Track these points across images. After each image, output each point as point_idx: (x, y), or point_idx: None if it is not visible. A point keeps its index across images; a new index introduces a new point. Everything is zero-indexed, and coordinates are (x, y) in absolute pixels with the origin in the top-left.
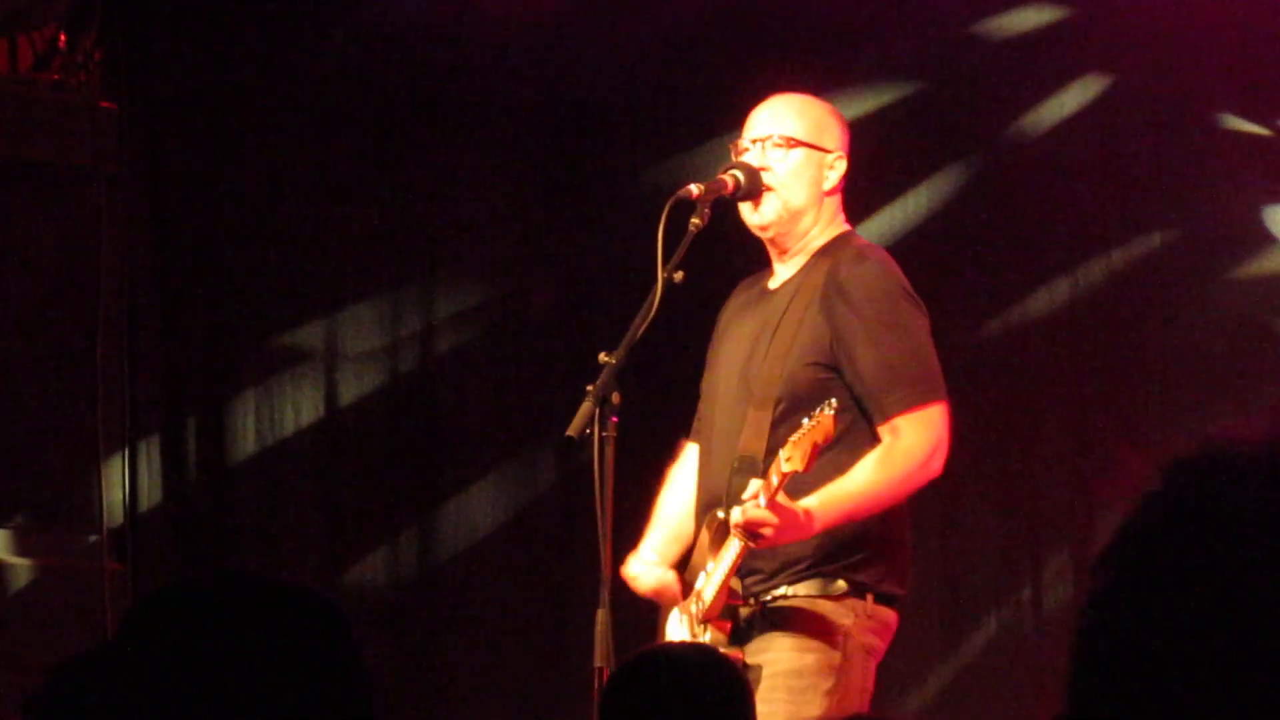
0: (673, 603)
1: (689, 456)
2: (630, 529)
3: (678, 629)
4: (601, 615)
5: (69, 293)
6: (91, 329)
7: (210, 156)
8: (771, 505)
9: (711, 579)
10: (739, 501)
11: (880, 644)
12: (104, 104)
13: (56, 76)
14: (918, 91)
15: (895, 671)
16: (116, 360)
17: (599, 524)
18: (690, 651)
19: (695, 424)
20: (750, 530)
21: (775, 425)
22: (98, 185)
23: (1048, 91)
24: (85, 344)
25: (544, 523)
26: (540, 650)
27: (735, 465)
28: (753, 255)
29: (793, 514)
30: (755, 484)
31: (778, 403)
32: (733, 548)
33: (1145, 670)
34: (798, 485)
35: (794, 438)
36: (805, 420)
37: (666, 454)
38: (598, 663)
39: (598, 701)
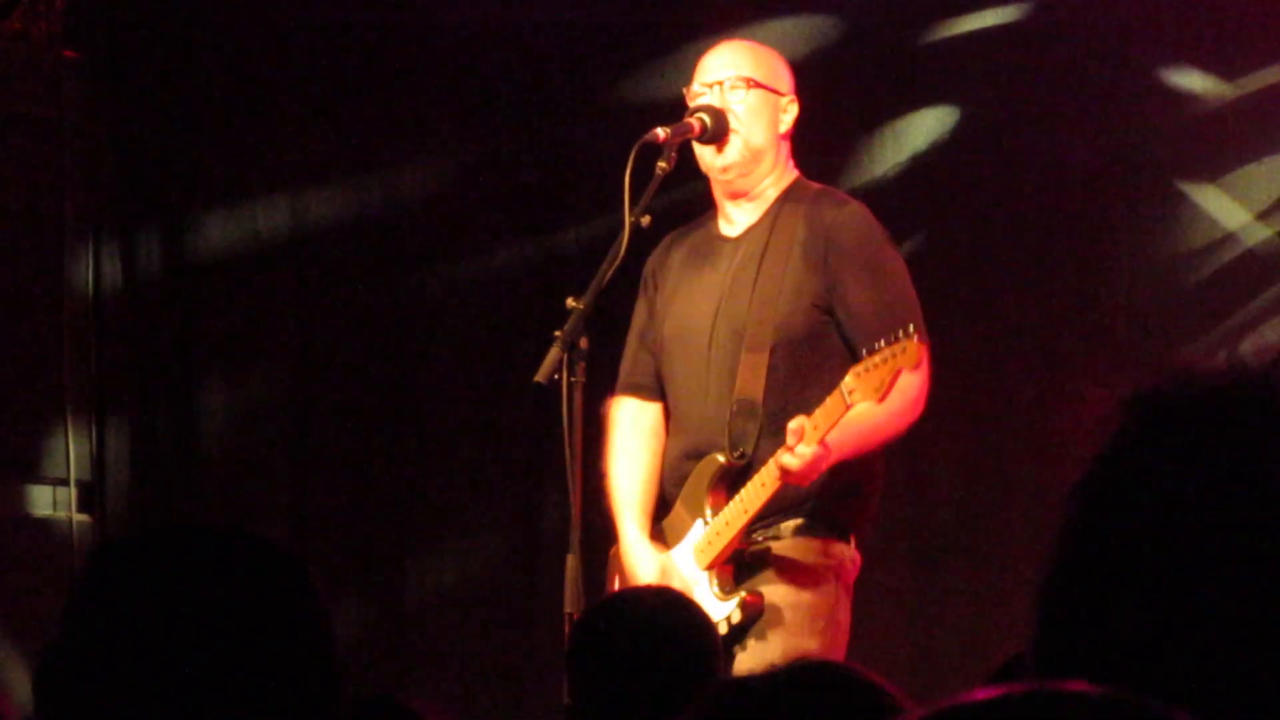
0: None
1: (637, 416)
2: (598, 474)
3: (650, 579)
4: (571, 561)
5: (32, 245)
6: (56, 282)
7: (175, 106)
8: (822, 441)
9: (722, 525)
10: (745, 444)
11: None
12: (67, 53)
13: (18, 25)
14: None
15: (862, 618)
16: (82, 313)
17: (568, 470)
18: (656, 596)
19: (640, 379)
20: (802, 473)
21: (772, 368)
22: (61, 136)
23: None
24: (50, 296)
25: (513, 469)
26: (510, 596)
27: (734, 408)
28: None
29: (827, 449)
30: (798, 425)
31: (774, 346)
32: (755, 493)
33: (1113, 602)
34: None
35: (861, 368)
36: (877, 346)
37: None
38: (567, 608)
39: (566, 647)
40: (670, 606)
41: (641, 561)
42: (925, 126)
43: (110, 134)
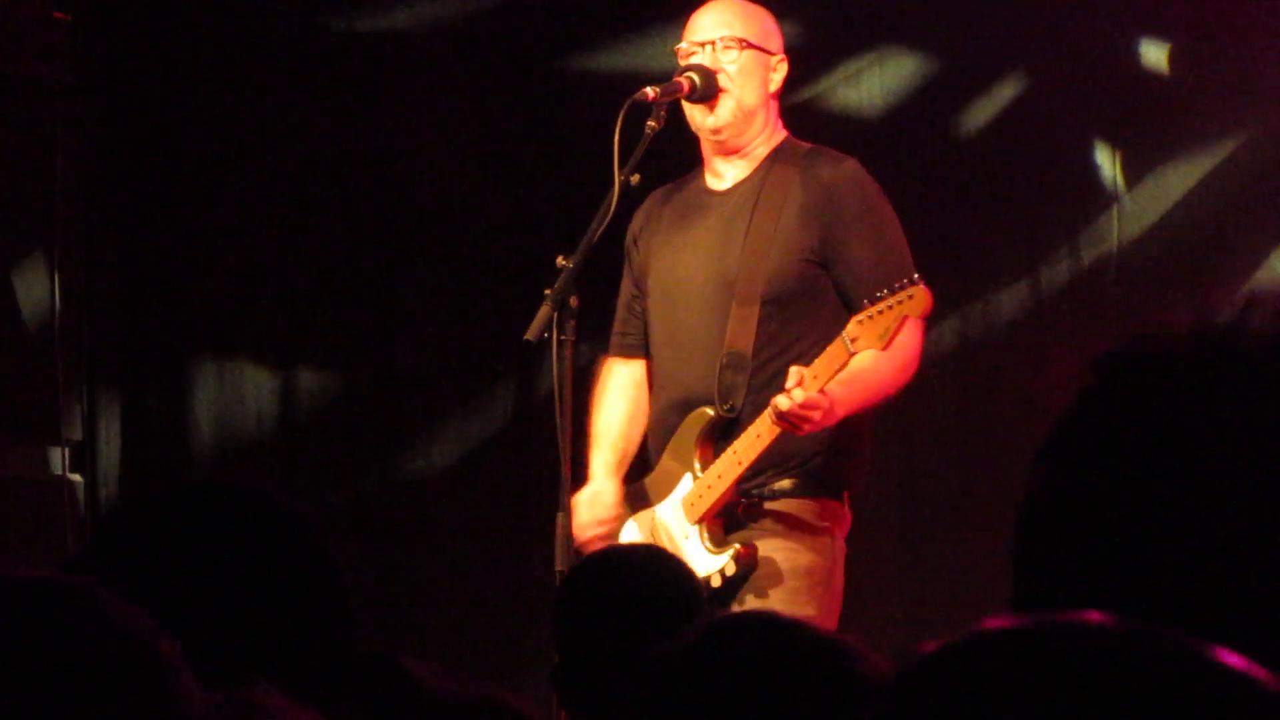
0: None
1: (618, 375)
2: (588, 433)
3: (635, 535)
4: (561, 518)
5: (24, 206)
6: (48, 243)
7: (166, 67)
8: (822, 391)
9: (714, 477)
10: (734, 397)
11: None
12: (58, 14)
13: None
14: None
15: (851, 575)
16: (74, 274)
17: (558, 427)
18: (642, 553)
19: (624, 339)
20: (797, 417)
21: (762, 321)
22: (52, 97)
23: None
24: (41, 258)
25: (502, 427)
26: (500, 554)
27: (724, 361)
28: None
29: (829, 400)
30: (796, 371)
31: (764, 299)
32: (749, 444)
33: (1085, 561)
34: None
35: (864, 316)
36: (881, 295)
37: None
38: (558, 566)
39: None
40: (656, 563)
41: (585, 492)
42: (903, 78)
43: (101, 95)
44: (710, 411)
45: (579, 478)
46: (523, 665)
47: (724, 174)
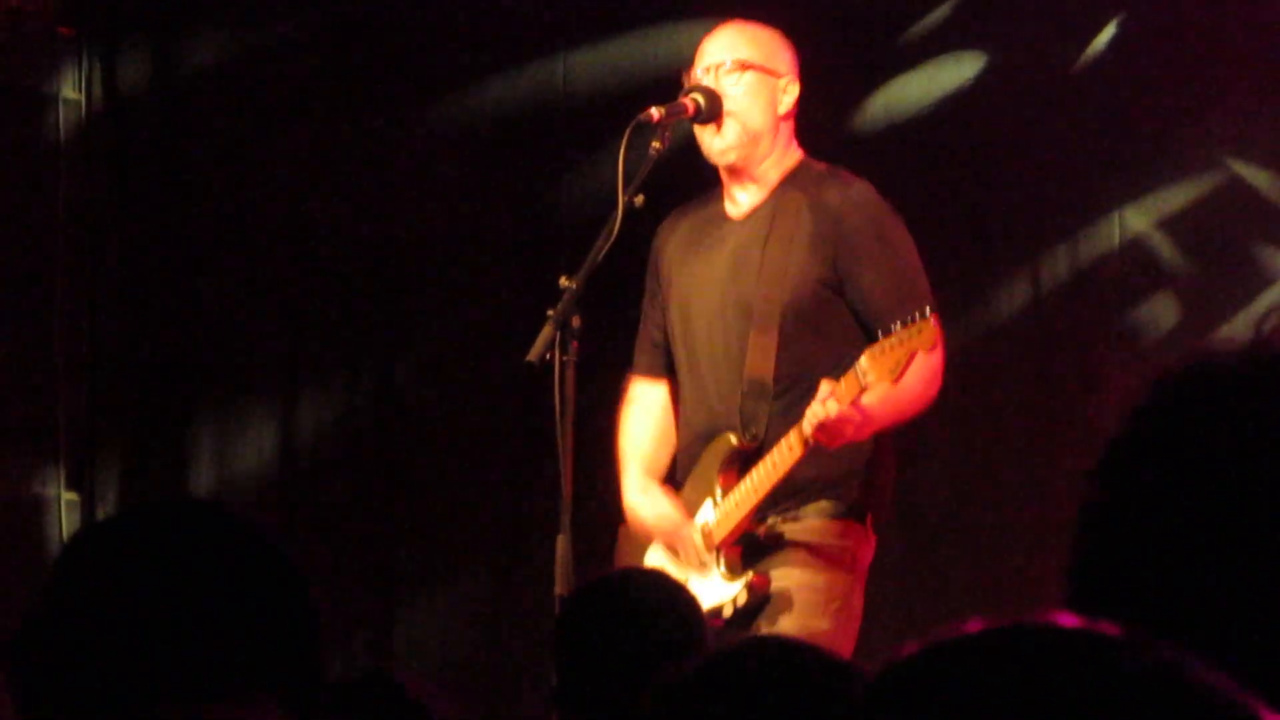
0: (651, 536)
1: (645, 396)
2: (590, 455)
3: (660, 560)
4: (562, 541)
5: (27, 219)
6: (50, 254)
7: (170, 80)
8: (854, 404)
9: (732, 505)
10: (756, 425)
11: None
12: (62, 29)
13: (15, 2)
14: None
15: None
16: (76, 287)
17: (559, 449)
18: (645, 578)
19: (650, 359)
20: (834, 427)
21: (781, 348)
22: (56, 111)
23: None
24: (44, 270)
25: (504, 448)
26: (500, 577)
27: (745, 389)
28: (711, 179)
29: (861, 412)
30: (828, 383)
31: (782, 327)
32: (766, 474)
33: (1142, 579)
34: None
35: (876, 350)
36: (893, 328)
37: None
38: (558, 590)
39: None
40: (658, 588)
41: (643, 505)
42: (913, 94)
43: (105, 110)
44: (734, 439)
45: (579, 499)
46: (522, 687)
47: (739, 200)
